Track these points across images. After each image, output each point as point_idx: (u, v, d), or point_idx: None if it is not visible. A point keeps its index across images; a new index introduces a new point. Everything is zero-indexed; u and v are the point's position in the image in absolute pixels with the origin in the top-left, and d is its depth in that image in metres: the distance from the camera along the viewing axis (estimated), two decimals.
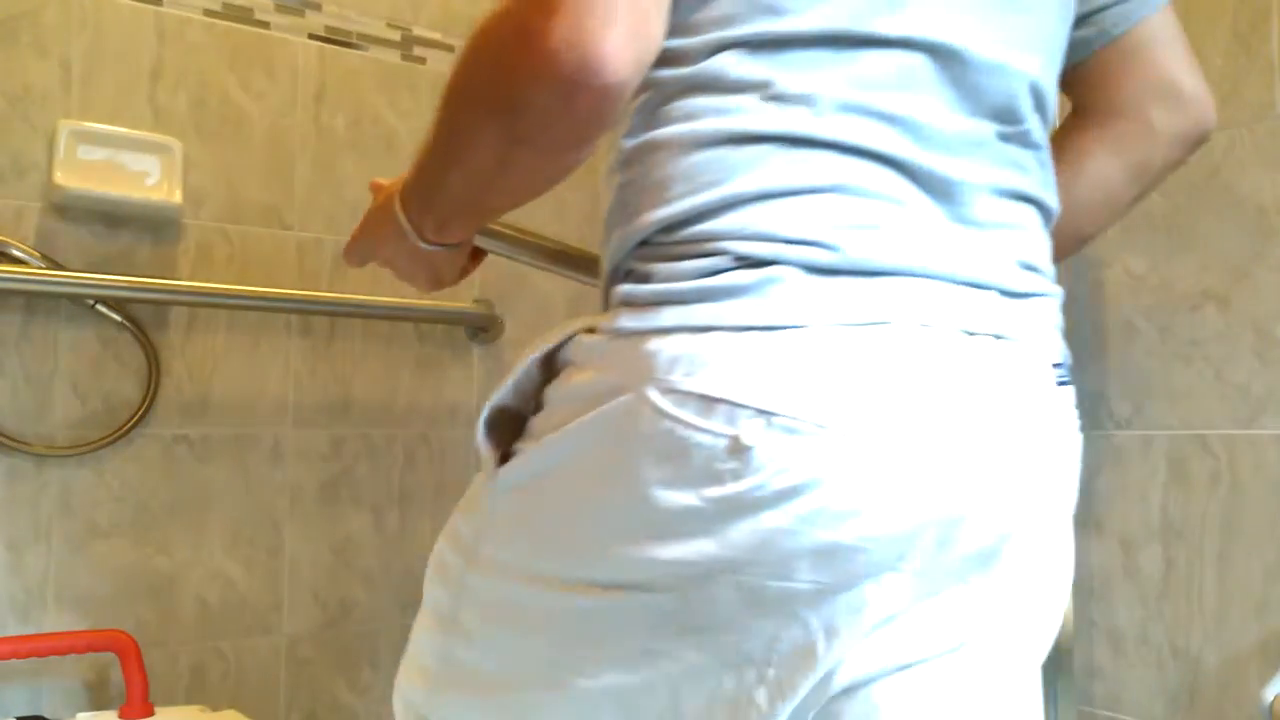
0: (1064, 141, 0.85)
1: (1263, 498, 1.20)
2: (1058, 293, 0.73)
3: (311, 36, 1.64)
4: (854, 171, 0.62)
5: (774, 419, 0.58)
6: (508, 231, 0.95)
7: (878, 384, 0.60)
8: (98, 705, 1.43)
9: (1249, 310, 1.22)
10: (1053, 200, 0.74)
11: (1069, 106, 0.88)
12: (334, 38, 1.66)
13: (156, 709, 1.37)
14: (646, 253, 0.65)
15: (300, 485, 1.61)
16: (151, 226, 1.50)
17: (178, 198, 1.48)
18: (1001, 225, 0.68)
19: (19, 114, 1.42)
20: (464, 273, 0.89)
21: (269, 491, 1.58)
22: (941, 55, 0.65)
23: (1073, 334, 1.35)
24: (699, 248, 0.62)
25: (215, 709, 1.43)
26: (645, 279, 0.64)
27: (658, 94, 0.65)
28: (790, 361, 0.59)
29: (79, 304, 1.45)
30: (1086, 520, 1.36)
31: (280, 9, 1.62)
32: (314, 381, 1.63)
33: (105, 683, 1.45)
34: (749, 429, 0.58)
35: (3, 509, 1.39)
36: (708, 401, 0.59)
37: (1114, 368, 1.33)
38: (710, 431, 0.59)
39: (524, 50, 0.57)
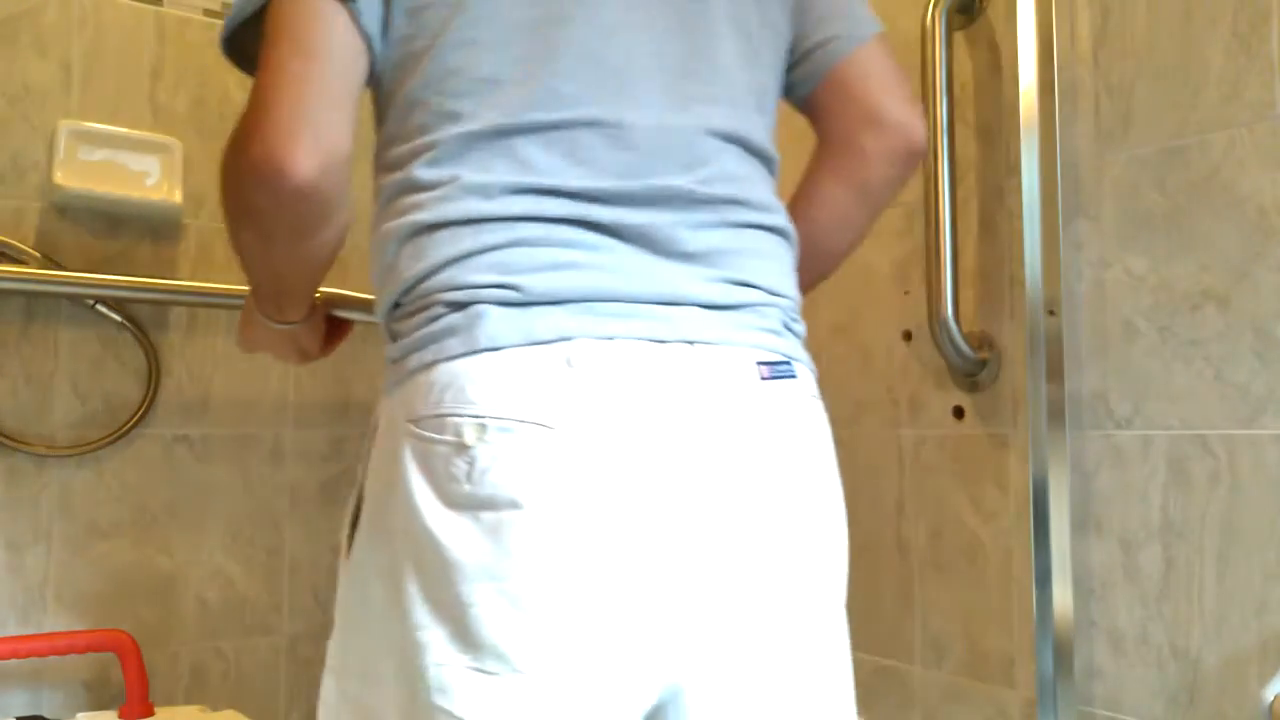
0: (807, 172, 0.97)
1: (1263, 498, 1.20)
2: (778, 301, 0.83)
3: None
4: (531, 231, 0.76)
5: (486, 422, 0.71)
6: (356, 298, 1.05)
7: (568, 387, 0.71)
8: (98, 705, 1.43)
9: (1249, 310, 1.21)
10: (774, 219, 0.85)
11: None
12: None
13: (156, 709, 1.37)
14: (396, 314, 0.79)
15: (300, 485, 1.61)
16: (151, 226, 1.50)
17: (178, 198, 1.48)
18: (711, 251, 0.79)
19: (19, 114, 1.42)
20: (330, 341, 1.05)
21: (269, 491, 1.58)
22: (602, 129, 0.78)
23: (1072, 334, 1.35)
24: (421, 303, 0.76)
25: (215, 709, 1.43)
26: (396, 337, 0.79)
27: (384, 195, 0.81)
28: (492, 376, 0.72)
29: (79, 304, 1.45)
30: (1086, 520, 1.35)
31: None
32: (314, 381, 1.63)
33: (105, 683, 1.45)
34: (469, 433, 0.71)
35: (3, 509, 1.39)
36: (440, 419, 0.72)
37: (1114, 368, 1.33)
38: (444, 441, 0.71)
39: (240, 165, 0.75)
